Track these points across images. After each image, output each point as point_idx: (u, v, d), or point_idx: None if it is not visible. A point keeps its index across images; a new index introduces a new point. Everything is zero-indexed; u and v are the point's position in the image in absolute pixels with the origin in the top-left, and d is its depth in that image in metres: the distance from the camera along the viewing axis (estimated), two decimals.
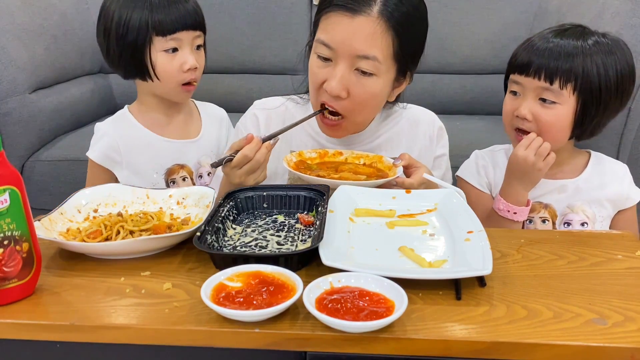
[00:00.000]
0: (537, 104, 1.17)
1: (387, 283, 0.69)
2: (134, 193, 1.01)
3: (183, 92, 1.33)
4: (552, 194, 1.26)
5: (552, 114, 1.16)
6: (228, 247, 0.86)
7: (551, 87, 1.14)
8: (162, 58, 1.27)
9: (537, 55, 1.15)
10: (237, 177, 1.05)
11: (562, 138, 1.20)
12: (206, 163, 1.42)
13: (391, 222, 0.92)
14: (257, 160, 1.04)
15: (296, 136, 1.28)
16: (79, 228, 0.90)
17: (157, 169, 1.35)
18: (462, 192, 1.01)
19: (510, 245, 0.88)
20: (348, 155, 1.21)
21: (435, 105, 2.46)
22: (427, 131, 1.31)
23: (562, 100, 1.15)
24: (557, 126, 1.17)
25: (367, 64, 1.08)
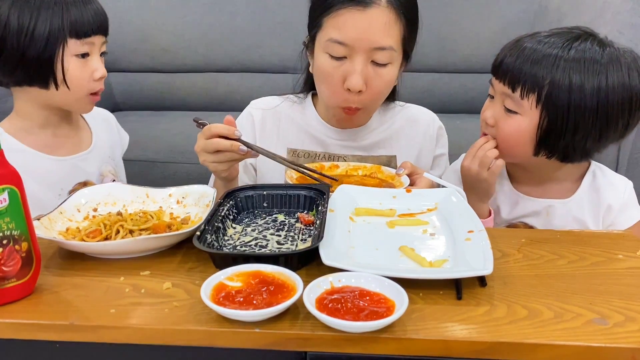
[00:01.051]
0: (502, 110, 1.08)
1: (387, 283, 0.68)
2: (133, 192, 1.01)
3: (90, 103, 1.19)
4: (538, 216, 1.16)
5: (510, 124, 1.06)
6: (228, 246, 0.86)
7: (512, 94, 1.04)
8: (74, 63, 1.11)
9: (509, 57, 1.06)
10: (196, 144, 1.03)
11: (521, 153, 1.08)
12: (108, 172, 1.31)
13: (391, 221, 0.92)
14: (212, 143, 0.99)
15: (291, 133, 1.28)
16: (78, 227, 0.90)
17: (58, 193, 1.19)
18: (463, 191, 1.01)
19: (511, 244, 0.88)
20: (345, 168, 1.20)
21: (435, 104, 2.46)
22: (427, 130, 1.31)
23: (522, 111, 1.04)
24: (514, 139, 1.07)
25: (383, 55, 1.08)
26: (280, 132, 1.29)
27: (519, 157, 1.12)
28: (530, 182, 1.19)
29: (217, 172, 1.07)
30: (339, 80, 1.11)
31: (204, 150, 1.03)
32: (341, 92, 1.12)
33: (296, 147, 1.28)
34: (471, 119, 2.45)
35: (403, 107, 1.34)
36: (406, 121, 1.32)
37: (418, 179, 1.15)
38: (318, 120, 1.28)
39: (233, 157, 1.03)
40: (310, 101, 1.31)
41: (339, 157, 1.27)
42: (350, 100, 1.13)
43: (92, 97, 1.18)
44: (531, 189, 1.19)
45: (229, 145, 1.01)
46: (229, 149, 1.01)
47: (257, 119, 1.29)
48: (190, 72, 2.54)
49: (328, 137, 1.27)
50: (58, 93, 1.13)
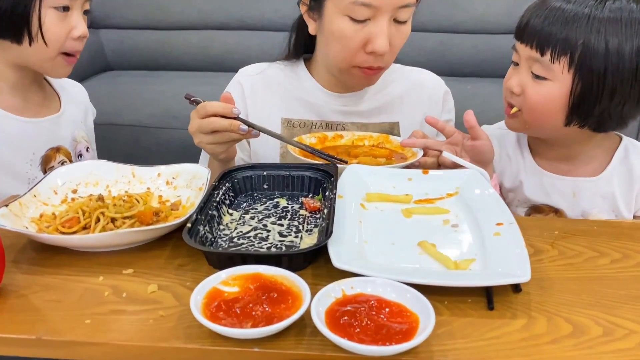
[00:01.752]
0: (529, 77, 0.98)
1: (409, 293, 0.58)
2: (118, 171, 0.90)
3: (64, 65, 1.06)
4: (564, 197, 1.06)
5: (539, 91, 0.96)
6: (224, 237, 0.76)
7: (541, 58, 0.94)
8: (52, 16, 0.99)
9: (535, 17, 0.96)
10: (190, 124, 0.93)
11: (551, 123, 0.99)
12: (81, 137, 1.19)
13: (408, 209, 0.82)
14: (209, 123, 0.90)
15: (285, 102, 1.17)
16: (54, 213, 0.80)
17: (30, 159, 1.08)
18: (486, 173, 0.90)
19: (543, 237, 0.78)
20: (350, 138, 1.09)
21: (444, 67, 2.34)
22: (432, 95, 1.22)
23: (552, 76, 0.94)
24: (543, 107, 0.97)
25: (406, 12, 1.00)
26: (273, 101, 1.18)
27: (548, 129, 1.02)
28: (556, 159, 1.08)
29: (215, 153, 0.97)
30: (359, 44, 1.01)
31: (199, 131, 0.92)
32: (362, 54, 1.03)
33: (291, 117, 1.17)
34: (483, 83, 2.32)
35: (404, 69, 1.23)
36: (410, 85, 1.21)
37: (429, 150, 1.04)
38: (314, 85, 1.17)
39: (232, 137, 0.93)
40: (304, 66, 1.19)
41: (337, 126, 1.16)
42: (371, 60, 1.03)
43: (68, 59, 1.06)
44: (557, 166, 1.08)
45: (228, 125, 0.91)
46: (228, 129, 0.91)
47: (246, 88, 1.18)
48: (186, 30, 2.40)
49: (325, 103, 1.16)
50: (32, 49, 1.01)
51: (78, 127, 1.20)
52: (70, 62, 1.07)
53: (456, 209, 0.82)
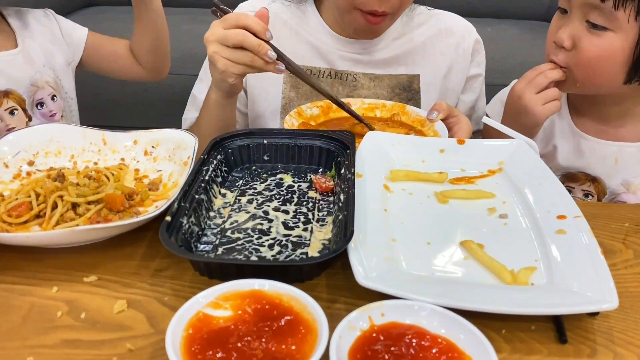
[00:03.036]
0: (582, 27, 0.83)
1: (457, 324, 0.44)
2: (85, 137, 0.73)
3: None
4: (604, 163, 0.92)
5: (599, 43, 0.81)
6: (214, 228, 0.60)
7: (602, 4, 0.79)
8: None
9: None
10: (210, 32, 0.77)
11: (609, 81, 0.85)
12: (45, 83, 1.01)
13: (442, 192, 0.66)
14: (237, 34, 0.74)
15: (290, 45, 0.99)
16: (1, 193, 0.64)
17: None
18: (535, 145, 0.74)
19: (611, 232, 0.63)
20: (359, 106, 0.91)
21: (460, 6, 2.08)
22: (460, 44, 1.04)
23: (615, 25, 0.80)
24: (601, 63, 0.83)
25: None
26: (276, 43, 1.00)
27: (604, 87, 0.86)
28: (600, 120, 0.93)
29: (226, 74, 0.79)
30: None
31: (220, 41, 0.76)
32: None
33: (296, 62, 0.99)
34: (503, 24, 2.11)
35: (431, 13, 1.04)
36: (435, 31, 1.03)
37: (456, 125, 0.88)
38: (323, 27, 1.00)
39: (254, 62, 0.76)
40: (312, 4, 1.01)
41: (347, 76, 0.99)
42: (375, 3, 0.84)
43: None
44: (599, 128, 0.93)
45: (256, 45, 0.74)
46: (255, 49, 0.74)
47: None
48: None
49: (335, 49, 0.98)
50: None
51: (40, 70, 1.01)
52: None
53: (502, 193, 0.67)
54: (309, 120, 0.88)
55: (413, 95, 1.00)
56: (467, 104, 1.05)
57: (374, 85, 0.99)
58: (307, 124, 0.87)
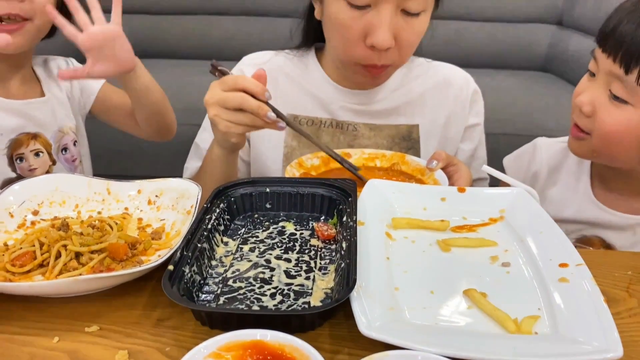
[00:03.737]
0: (605, 95, 0.80)
1: None
2: (90, 186, 0.74)
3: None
4: (620, 235, 0.89)
5: (617, 116, 0.78)
6: (216, 277, 0.60)
7: (625, 77, 0.76)
8: None
9: (627, 23, 0.76)
10: (210, 94, 0.79)
11: (625, 156, 0.82)
12: (69, 129, 1.04)
13: (445, 240, 0.66)
14: (235, 97, 0.76)
15: (292, 95, 1.02)
16: (6, 243, 0.64)
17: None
18: (536, 193, 0.75)
19: (614, 280, 0.63)
20: (358, 157, 0.93)
21: (459, 57, 2.15)
22: (459, 94, 1.06)
23: (636, 101, 0.76)
24: (618, 137, 0.79)
25: (416, 2, 0.84)
26: (278, 94, 1.02)
27: (620, 161, 0.84)
28: (620, 192, 0.90)
29: (228, 135, 0.81)
30: (359, 35, 0.86)
31: (220, 104, 0.77)
32: (362, 48, 0.87)
33: (298, 113, 1.02)
34: (501, 75, 2.16)
35: (430, 65, 1.07)
36: (434, 83, 1.05)
37: (456, 173, 0.89)
38: (324, 78, 1.02)
39: (255, 122, 0.78)
40: (314, 56, 1.04)
41: (347, 126, 1.01)
42: (374, 57, 0.87)
43: (4, 26, 0.87)
44: (618, 199, 0.90)
45: (256, 107, 0.76)
46: (255, 111, 0.76)
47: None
48: (182, 15, 2.24)
49: (336, 99, 1.01)
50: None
51: (68, 117, 1.05)
52: (10, 30, 0.87)
53: (504, 241, 0.67)
54: (309, 171, 0.89)
55: (413, 145, 1.02)
56: (466, 153, 1.07)
57: (374, 135, 1.01)
58: (308, 174, 0.88)
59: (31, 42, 0.94)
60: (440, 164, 0.87)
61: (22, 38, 0.90)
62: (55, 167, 1.02)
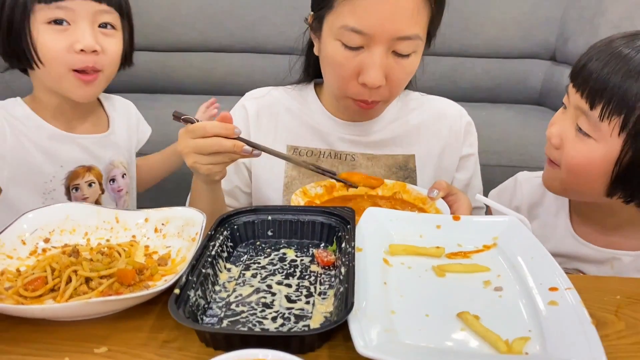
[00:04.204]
0: (572, 129, 0.82)
1: None
2: (99, 215, 0.77)
3: (77, 83, 0.98)
4: (600, 268, 0.91)
5: (580, 149, 0.80)
6: (220, 302, 0.63)
7: (589, 112, 0.78)
8: (47, 32, 0.93)
9: (595, 60, 0.79)
10: (183, 144, 0.84)
11: (590, 190, 0.83)
12: (120, 163, 1.14)
13: (440, 266, 0.69)
14: (210, 144, 0.81)
15: (291, 128, 1.07)
16: (18, 269, 0.67)
17: (56, 171, 1.03)
18: (527, 221, 0.77)
19: (603, 304, 0.65)
20: (361, 185, 0.96)
21: (455, 92, 2.22)
22: (453, 126, 1.10)
23: (598, 136, 0.78)
24: (583, 170, 0.81)
25: (407, 45, 0.88)
26: (278, 126, 1.08)
27: (587, 195, 0.87)
28: (598, 226, 0.92)
29: (212, 174, 0.87)
30: (352, 72, 0.91)
31: (197, 152, 0.83)
32: (354, 85, 0.92)
33: (297, 144, 1.06)
34: (497, 109, 2.22)
35: (424, 99, 1.12)
36: (429, 115, 1.10)
37: (456, 202, 0.92)
38: (322, 112, 1.07)
39: (233, 157, 0.85)
40: (313, 90, 1.09)
41: (346, 156, 1.04)
42: (365, 94, 0.92)
43: (81, 76, 0.98)
44: (597, 234, 0.92)
45: (231, 146, 0.81)
46: (231, 150, 0.81)
47: (251, 112, 1.08)
48: (187, 52, 2.29)
49: (334, 130, 1.05)
50: (42, 72, 0.97)
51: (120, 153, 1.15)
52: (87, 81, 0.98)
53: (497, 266, 0.69)
54: (314, 199, 0.92)
55: (409, 174, 1.05)
56: (461, 182, 1.10)
57: (372, 165, 1.05)
58: (313, 202, 0.91)
59: (101, 91, 1.05)
60: (441, 193, 0.90)
61: (95, 88, 1.01)
62: (104, 196, 1.11)
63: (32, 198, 1.01)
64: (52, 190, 1.03)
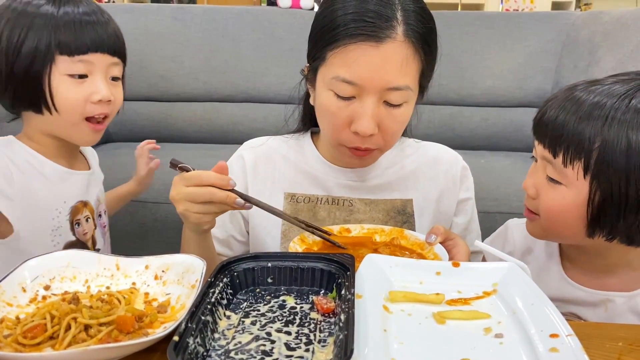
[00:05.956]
0: (544, 178, 0.85)
1: None
2: (99, 262, 0.78)
3: (88, 131, 1.04)
4: (594, 311, 0.91)
5: (554, 196, 0.83)
6: (219, 350, 0.62)
7: (554, 160, 0.82)
8: (66, 84, 0.99)
9: (551, 110, 0.83)
10: (175, 191, 0.85)
11: (571, 233, 0.85)
12: (103, 200, 1.21)
13: (440, 313, 0.69)
14: (203, 193, 0.82)
15: (288, 175, 1.09)
16: (18, 316, 0.67)
17: (61, 207, 1.08)
18: (527, 268, 0.78)
19: (605, 351, 0.65)
20: (357, 232, 0.97)
21: (454, 140, 2.26)
22: (449, 171, 1.12)
23: (567, 181, 0.81)
24: (559, 215, 0.84)
25: (398, 95, 0.91)
26: (276, 175, 1.10)
27: (569, 238, 0.88)
28: (589, 269, 0.93)
29: (201, 223, 0.88)
30: (345, 122, 0.93)
31: (189, 199, 0.84)
32: (347, 133, 0.95)
33: (294, 191, 1.08)
34: (496, 156, 2.24)
35: (419, 145, 1.15)
36: (424, 161, 1.12)
37: (454, 247, 0.93)
38: (319, 159, 1.10)
39: (225, 209, 0.86)
40: (309, 138, 1.12)
41: (343, 201, 1.05)
42: (358, 141, 0.95)
43: (95, 126, 1.05)
44: (588, 276, 0.93)
45: (224, 197, 0.83)
46: (224, 201, 0.83)
47: (248, 161, 1.11)
48: (190, 102, 2.35)
49: (331, 177, 1.07)
50: (50, 120, 1.02)
51: (101, 189, 1.22)
52: (97, 129, 1.05)
53: (497, 313, 0.69)
54: (311, 247, 0.93)
55: (407, 219, 1.06)
56: (460, 226, 1.11)
57: (370, 210, 1.06)
58: (310, 249, 0.92)
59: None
60: (439, 239, 0.91)
61: (101, 134, 1.08)
62: (97, 230, 1.16)
63: (41, 236, 1.05)
64: (59, 226, 1.07)
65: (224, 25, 2.32)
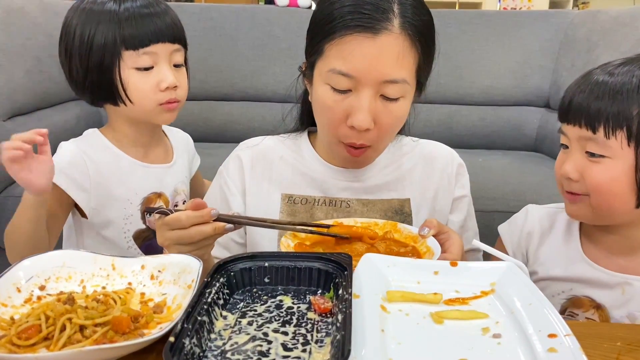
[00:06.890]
0: (584, 158, 0.88)
1: None
2: (95, 262, 0.77)
3: (164, 112, 1.14)
4: (610, 293, 0.92)
5: (601, 170, 0.86)
6: (215, 350, 0.62)
7: (594, 136, 0.86)
8: (135, 76, 1.09)
9: (579, 94, 0.88)
10: (162, 237, 0.84)
11: (623, 205, 0.87)
12: (182, 190, 1.28)
13: (438, 312, 0.68)
14: (190, 235, 0.81)
15: (285, 176, 1.08)
16: (12, 317, 0.66)
17: (133, 198, 1.18)
18: (525, 267, 0.77)
19: (603, 351, 0.65)
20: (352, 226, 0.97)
21: (452, 139, 2.26)
22: (445, 168, 1.11)
23: (611, 153, 0.85)
24: (609, 188, 0.87)
25: (394, 88, 0.90)
26: (273, 175, 1.09)
27: (621, 213, 0.89)
28: (610, 250, 0.94)
29: (201, 256, 0.84)
30: (341, 116, 0.93)
31: (178, 243, 0.82)
32: (343, 127, 0.94)
33: (292, 192, 1.07)
34: (494, 155, 2.24)
35: (416, 143, 1.14)
36: (421, 159, 1.11)
37: (447, 241, 0.92)
38: (316, 159, 1.09)
39: (217, 237, 0.86)
40: (307, 138, 1.11)
41: (341, 202, 1.05)
42: (354, 136, 0.94)
43: (167, 106, 1.13)
44: (608, 258, 0.94)
45: (212, 231, 0.82)
46: (212, 235, 0.83)
47: (245, 162, 1.10)
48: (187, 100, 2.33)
49: (329, 177, 1.06)
50: (128, 109, 1.12)
51: (182, 181, 1.28)
52: (171, 109, 1.14)
53: (495, 313, 0.69)
54: (303, 241, 0.92)
55: (405, 218, 1.05)
56: (456, 224, 1.10)
57: (367, 210, 1.05)
58: (303, 244, 0.91)
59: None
60: (432, 231, 0.90)
61: (175, 113, 1.17)
62: None
63: (114, 223, 1.15)
64: (130, 215, 1.17)
65: (221, 23, 2.32)
